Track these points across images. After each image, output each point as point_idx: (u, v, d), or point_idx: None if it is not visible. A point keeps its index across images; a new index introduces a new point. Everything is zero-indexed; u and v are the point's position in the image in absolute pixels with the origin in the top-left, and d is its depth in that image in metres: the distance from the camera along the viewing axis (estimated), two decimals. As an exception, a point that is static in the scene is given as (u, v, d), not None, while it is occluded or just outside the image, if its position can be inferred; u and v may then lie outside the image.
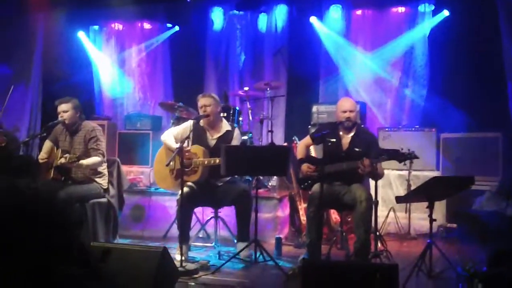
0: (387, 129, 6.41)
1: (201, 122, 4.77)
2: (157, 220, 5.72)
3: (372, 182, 5.78)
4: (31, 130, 7.70)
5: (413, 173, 5.77)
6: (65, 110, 4.83)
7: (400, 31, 6.89)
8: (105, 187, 4.91)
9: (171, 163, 4.53)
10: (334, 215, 5.34)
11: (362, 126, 4.75)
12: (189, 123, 4.73)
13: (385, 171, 5.91)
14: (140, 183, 6.33)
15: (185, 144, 4.53)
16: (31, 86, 7.76)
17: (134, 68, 7.92)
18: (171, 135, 4.77)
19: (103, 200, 4.88)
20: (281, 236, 5.44)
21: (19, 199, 4.54)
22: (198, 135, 4.72)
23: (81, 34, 7.88)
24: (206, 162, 4.49)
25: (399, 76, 6.90)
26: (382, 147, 4.50)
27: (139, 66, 7.91)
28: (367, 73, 7.01)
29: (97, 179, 4.86)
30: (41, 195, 4.42)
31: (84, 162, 4.62)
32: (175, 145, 4.56)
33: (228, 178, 4.68)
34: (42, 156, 4.86)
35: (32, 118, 7.78)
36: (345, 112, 4.48)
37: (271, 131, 6.13)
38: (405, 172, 5.82)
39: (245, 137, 4.78)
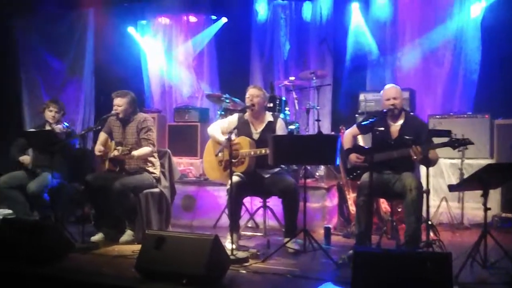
0: (437, 116, 6.24)
1: (246, 115, 4.81)
2: (206, 210, 5.84)
3: (423, 171, 5.73)
4: (85, 123, 8.00)
5: (466, 161, 5.63)
6: (119, 104, 4.98)
7: (450, 14, 6.68)
8: (157, 176, 5.05)
9: (220, 154, 4.61)
10: (384, 205, 5.28)
11: (412, 113, 4.64)
12: (235, 116, 4.79)
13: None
14: (190, 173, 6.47)
15: (233, 136, 4.60)
16: (84, 80, 8.05)
17: (181, 61, 8.05)
18: (218, 128, 4.85)
19: (156, 190, 5.02)
20: (330, 226, 5.45)
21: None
22: (243, 129, 4.76)
23: (130, 29, 8.05)
24: (252, 153, 4.54)
25: (450, 61, 6.70)
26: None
27: (186, 59, 8.03)
28: (415, 59, 6.85)
29: (149, 168, 5.00)
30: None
31: (136, 153, 4.77)
32: (222, 138, 4.64)
33: (275, 170, 4.71)
34: (99, 148, 5.03)
35: (86, 111, 8.07)
36: (389, 99, 4.41)
37: (318, 120, 6.11)
38: (458, 161, 5.69)
39: (292, 127, 4.76)
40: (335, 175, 5.81)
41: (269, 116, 4.84)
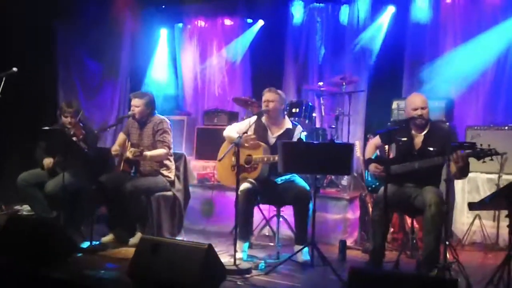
0: (476, 128, 5.81)
1: (263, 119, 4.64)
2: (226, 216, 5.69)
3: (457, 186, 5.35)
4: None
5: (504, 177, 5.17)
6: (137, 105, 4.96)
7: (495, 20, 6.21)
8: (171, 179, 4.97)
9: (233, 159, 4.46)
10: (410, 220, 4.95)
11: (437, 122, 4.31)
12: (253, 119, 4.63)
13: (473, 174, 5.45)
14: (212, 178, 6.35)
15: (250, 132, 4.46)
16: (119, 82, 8.13)
17: (214, 64, 7.99)
18: (234, 130, 4.70)
19: (169, 193, 4.94)
20: (351, 239, 5.19)
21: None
22: (259, 132, 4.60)
23: (163, 32, 8.09)
24: (265, 159, 4.36)
25: (493, 69, 6.23)
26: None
27: (219, 63, 7.95)
28: (456, 66, 6.41)
29: (163, 172, 4.93)
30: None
31: (149, 153, 4.70)
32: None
33: (289, 176, 4.50)
34: (115, 148, 5.02)
35: (120, 113, 8.14)
36: (416, 109, 4.11)
37: (333, 127, 5.93)
38: (495, 176, 5.25)
39: (304, 133, 4.54)
40: (362, 186, 5.53)
41: (288, 123, 4.65)
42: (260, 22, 7.76)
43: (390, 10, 6.80)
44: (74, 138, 4.90)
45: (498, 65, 6.20)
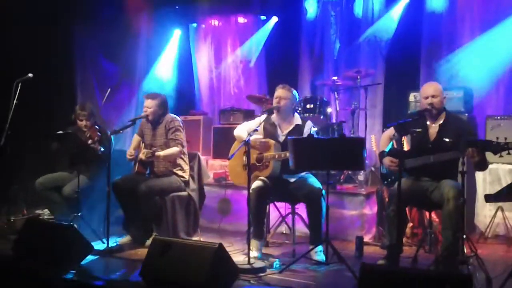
0: (497, 117, 5.64)
1: (273, 117, 4.58)
2: (243, 214, 5.62)
3: (478, 178, 5.21)
4: (136, 126, 8.11)
5: (527, 167, 5.03)
6: (149, 106, 4.98)
7: (515, 6, 6.02)
8: (186, 179, 4.96)
9: (244, 158, 4.43)
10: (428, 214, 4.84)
11: (454, 112, 4.19)
12: (262, 117, 4.58)
13: (494, 166, 5.31)
14: (229, 176, 6.32)
15: (260, 136, 4.42)
16: (136, 83, 8.18)
17: (229, 63, 7.97)
18: (244, 129, 4.66)
19: (184, 193, 4.94)
20: (369, 235, 5.11)
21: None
22: (269, 130, 4.56)
23: (177, 32, 8.10)
24: (276, 156, 4.32)
25: (514, 57, 6.04)
26: (474, 134, 3.95)
27: (234, 61, 7.93)
28: (475, 55, 6.23)
29: (178, 172, 4.93)
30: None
31: (162, 153, 4.72)
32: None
33: (302, 174, 4.45)
34: (130, 152, 5.03)
35: (137, 114, 8.17)
36: (427, 98, 4.03)
37: (343, 122, 5.93)
38: (518, 167, 5.11)
39: (315, 128, 4.48)
40: (380, 180, 5.43)
41: (297, 119, 4.59)
42: (274, 19, 7.69)
43: (405, 0, 6.64)
44: (90, 141, 4.94)
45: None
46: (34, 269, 3.78)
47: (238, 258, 4.13)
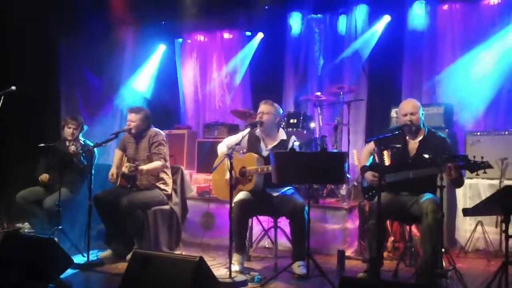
0: (477, 133, 5.74)
1: (257, 131, 4.62)
2: (226, 229, 5.58)
3: (459, 193, 5.28)
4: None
5: (506, 182, 5.10)
6: (133, 120, 4.98)
7: (494, 24, 6.17)
8: (169, 193, 4.96)
9: (227, 173, 4.44)
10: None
11: (433, 130, 4.27)
12: (245, 131, 4.62)
13: (474, 180, 5.39)
14: (212, 191, 6.32)
15: (240, 153, 4.45)
16: (120, 97, 8.17)
17: (215, 77, 8.02)
18: (225, 144, 4.70)
19: (166, 207, 4.93)
20: (351, 249, 5.13)
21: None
22: (252, 144, 4.59)
23: (161, 47, 8.15)
24: (259, 170, 4.34)
25: (493, 75, 6.17)
26: (453, 153, 4.01)
27: (219, 76, 7.99)
28: (456, 72, 6.37)
29: (160, 185, 4.92)
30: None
31: (145, 167, 4.72)
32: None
33: (285, 189, 4.47)
34: (112, 171, 4.95)
35: (120, 128, 8.16)
36: (405, 115, 4.10)
37: (324, 136, 5.94)
38: (497, 182, 5.19)
39: (297, 143, 4.52)
40: (362, 195, 5.47)
41: (282, 134, 4.63)
42: (260, 35, 7.78)
43: (387, 18, 6.78)
44: (72, 149, 4.95)
45: (497, 70, 6.14)
46: (13, 283, 3.74)
47: (220, 272, 4.13)
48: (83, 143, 5.40)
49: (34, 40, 7.18)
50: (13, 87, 5.05)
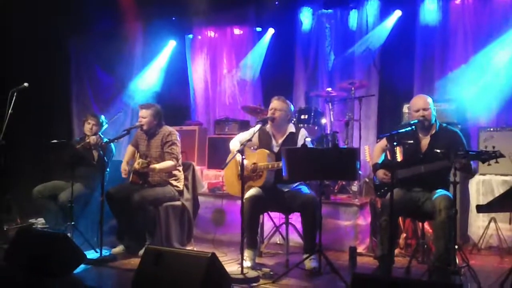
0: (490, 129, 5.68)
1: (268, 127, 4.62)
2: (238, 224, 5.62)
3: (472, 189, 5.22)
4: (131, 137, 8.12)
5: (520, 178, 5.07)
6: (144, 116, 5.00)
7: (506, 19, 6.10)
8: (180, 189, 4.97)
9: (239, 168, 4.44)
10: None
11: (444, 124, 4.23)
12: (257, 128, 4.60)
13: (487, 177, 5.35)
14: (223, 187, 6.33)
15: (251, 149, 4.44)
16: (131, 93, 8.19)
17: (225, 73, 8.02)
18: (237, 140, 4.69)
19: (177, 203, 4.95)
20: (363, 246, 5.11)
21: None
22: (264, 140, 4.59)
23: (171, 43, 8.15)
24: (270, 166, 4.34)
25: (507, 71, 6.09)
26: (465, 146, 3.98)
27: (229, 72, 7.98)
28: (468, 68, 6.31)
29: (172, 181, 4.94)
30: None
31: (157, 166, 4.73)
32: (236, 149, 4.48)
33: (295, 185, 4.46)
34: (123, 166, 4.98)
35: (132, 124, 8.19)
36: (418, 111, 4.07)
37: (336, 132, 5.92)
38: (510, 178, 5.16)
39: (309, 138, 4.50)
40: (373, 191, 5.45)
41: (291, 127, 4.62)
42: (270, 31, 7.74)
43: (398, 13, 6.72)
44: (92, 139, 5.00)
45: (510, 66, 6.06)
46: (26, 278, 3.78)
47: (232, 268, 4.14)
48: (102, 138, 5.45)
49: (45, 39, 7.22)
50: (26, 84, 5.10)
